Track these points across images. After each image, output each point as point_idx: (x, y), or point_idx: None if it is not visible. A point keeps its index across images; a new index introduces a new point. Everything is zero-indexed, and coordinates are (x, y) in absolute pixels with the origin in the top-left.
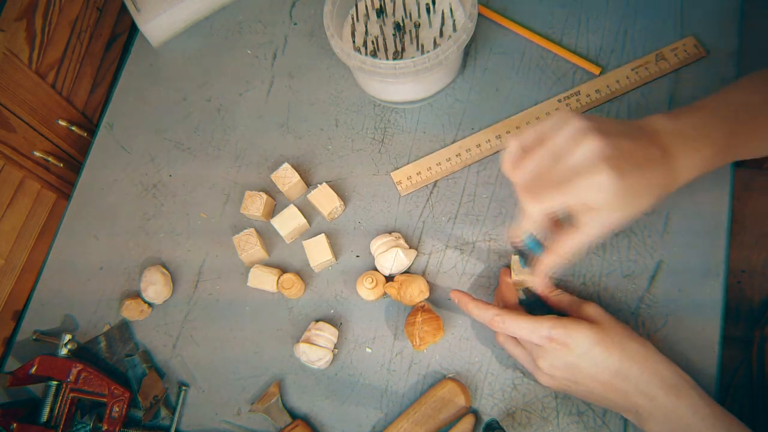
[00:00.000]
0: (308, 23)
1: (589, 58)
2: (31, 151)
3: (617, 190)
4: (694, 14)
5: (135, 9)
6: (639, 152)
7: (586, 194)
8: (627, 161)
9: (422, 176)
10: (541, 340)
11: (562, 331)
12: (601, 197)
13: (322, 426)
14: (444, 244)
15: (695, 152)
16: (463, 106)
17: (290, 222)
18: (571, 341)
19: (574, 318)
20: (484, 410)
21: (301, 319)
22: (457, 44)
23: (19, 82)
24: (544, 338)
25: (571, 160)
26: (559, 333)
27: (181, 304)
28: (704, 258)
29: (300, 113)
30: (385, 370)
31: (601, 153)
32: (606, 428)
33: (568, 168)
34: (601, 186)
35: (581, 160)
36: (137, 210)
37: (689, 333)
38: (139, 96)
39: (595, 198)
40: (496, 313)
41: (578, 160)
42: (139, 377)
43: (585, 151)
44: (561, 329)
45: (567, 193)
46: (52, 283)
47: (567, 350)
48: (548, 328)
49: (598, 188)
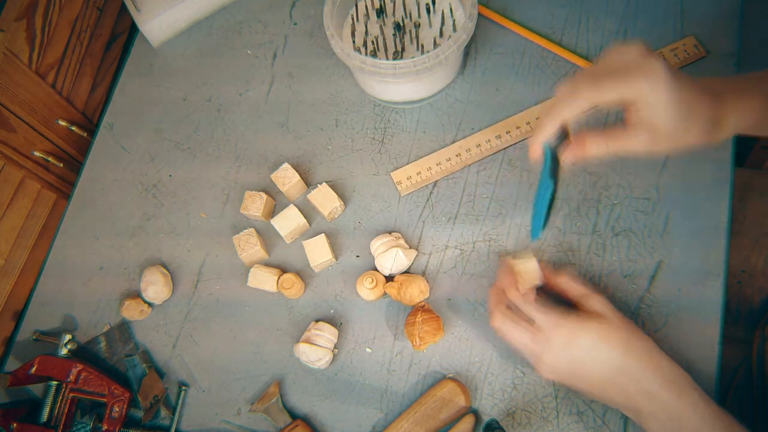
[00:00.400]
0: (308, 23)
1: (589, 58)
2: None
3: (669, 84)
4: (694, 14)
5: (135, 9)
6: (689, 80)
7: (642, 81)
8: (679, 75)
9: (422, 176)
10: (548, 327)
11: (569, 324)
12: (655, 86)
13: (322, 426)
14: (444, 244)
15: (745, 99)
16: (463, 106)
17: (290, 222)
18: (575, 336)
19: (582, 312)
20: (484, 410)
21: (301, 319)
22: (457, 44)
23: (19, 82)
24: (550, 326)
25: (629, 57)
26: (565, 325)
27: (181, 304)
28: (704, 258)
29: (300, 113)
30: (385, 370)
31: (655, 55)
32: (606, 428)
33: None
34: (657, 72)
35: (638, 56)
36: (137, 210)
37: (689, 333)
38: (139, 96)
39: (651, 85)
40: (513, 290)
41: (635, 56)
42: (139, 377)
43: (640, 50)
44: (567, 322)
45: (625, 81)
46: (52, 283)
47: (571, 345)
48: (556, 317)
49: (654, 75)
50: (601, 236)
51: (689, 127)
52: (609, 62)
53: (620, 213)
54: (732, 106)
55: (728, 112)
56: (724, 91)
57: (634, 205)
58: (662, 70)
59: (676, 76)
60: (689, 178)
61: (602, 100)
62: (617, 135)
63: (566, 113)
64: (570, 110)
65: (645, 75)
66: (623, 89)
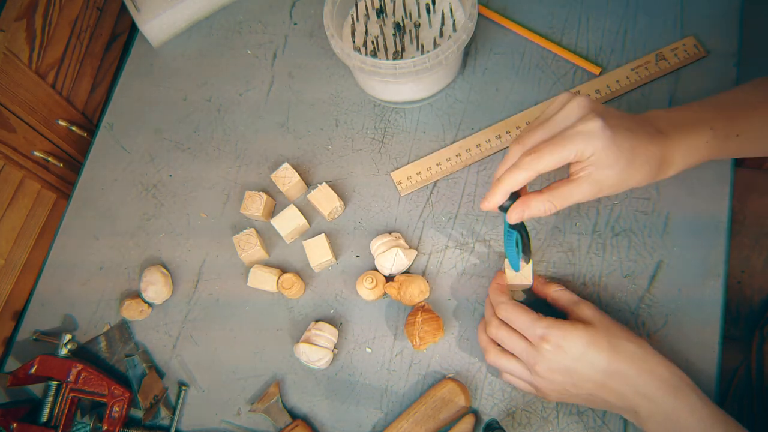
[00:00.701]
0: (308, 23)
1: (589, 58)
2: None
3: (608, 140)
4: (694, 14)
5: (135, 9)
6: (630, 122)
7: (579, 142)
8: (617, 122)
9: (422, 176)
10: (535, 338)
11: (557, 332)
12: (592, 144)
13: (322, 426)
14: (444, 244)
15: (691, 135)
16: (463, 106)
17: (290, 222)
18: (565, 343)
19: (570, 320)
20: (484, 410)
21: (301, 319)
22: (457, 44)
23: (19, 82)
24: (538, 337)
25: (564, 119)
26: (553, 334)
27: (181, 304)
28: (704, 258)
29: (300, 113)
30: (385, 370)
31: (590, 106)
32: (606, 428)
33: (561, 127)
34: (592, 132)
35: (574, 115)
36: (137, 210)
37: (689, 333)
38: (139, 96)
39: (588, 145)
40: (504, 301)
41: (571, 116)
42: (139, 377)
43: (575, 106)
44: (555, 330)
45: (564, 146)
46: (52, 283)
47: (562, 353)
48: (544, 327)
49: (590, 134)
50: (601, 236)
51: (633, 172)
52: (550, 124)
53: (620, 213)
54: (677, 144)
55: (674, 150)
56: (668, 130)
57: (634, 205)
58: (600, 131)
59: (616, 131)
60: (689, 178)
61: (546, 169)
62: (560, 192)
63: (512, 184)
64: (516, 181)
65: (584, 138)
66: (564, 155)
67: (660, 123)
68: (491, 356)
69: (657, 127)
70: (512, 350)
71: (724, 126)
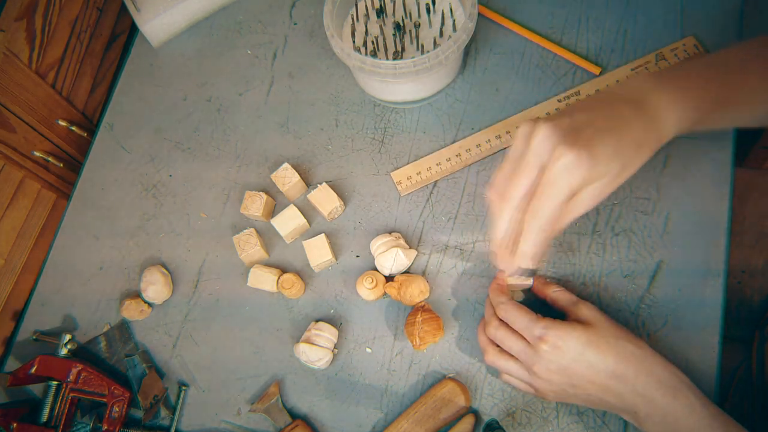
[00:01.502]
0: (308, 23)
1: (589, 58)
2: (31, 151)
3: (588, 162)
4: (694, 14)
5: (135, 9)
6: (598, 119)
7: (565, 182)
8: (585, 132)
9: (422, 176)
10: (534, 339)
11: (555, 332)
12: (578, 176)
13: (322, 426)
14: (444, 244)
15: (679, 101)
16: (463, 106)
17: (290, 222)
18: (562, 344)
19: (569, 321)
20: (484, 410)
21: (301, 319)
22: (457, 44)
23: (19, 82)
24: (536, 337)
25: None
26: (551, 334)
27: (181, 304)
28: (704, 258)
29: (300, 113)
30: (385, 370)
31: (556, 133)
32: (606, 428)
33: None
34: (571, 165)
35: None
36: (137, 210)
37: (689, 333)
38: (139, 96)
39: (574, 179)
40: (503, 301)
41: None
42: (139, 377)
43: (541, 139)
44: (553, 331)
45: (549, 193)
46: (52, 283)
47: (560, 353)
48: (542, 328)
49: (569, 169)
50: (601, 236)
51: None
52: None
53: (620, 213)
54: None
55: (663, 120)
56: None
57: (634, 205)
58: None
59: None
60: (689, 178)
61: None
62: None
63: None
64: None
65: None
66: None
67: (641, 94)
68: (490, 356)
69: (635, 102)
70: (511, 350)
71: (719, 86)
